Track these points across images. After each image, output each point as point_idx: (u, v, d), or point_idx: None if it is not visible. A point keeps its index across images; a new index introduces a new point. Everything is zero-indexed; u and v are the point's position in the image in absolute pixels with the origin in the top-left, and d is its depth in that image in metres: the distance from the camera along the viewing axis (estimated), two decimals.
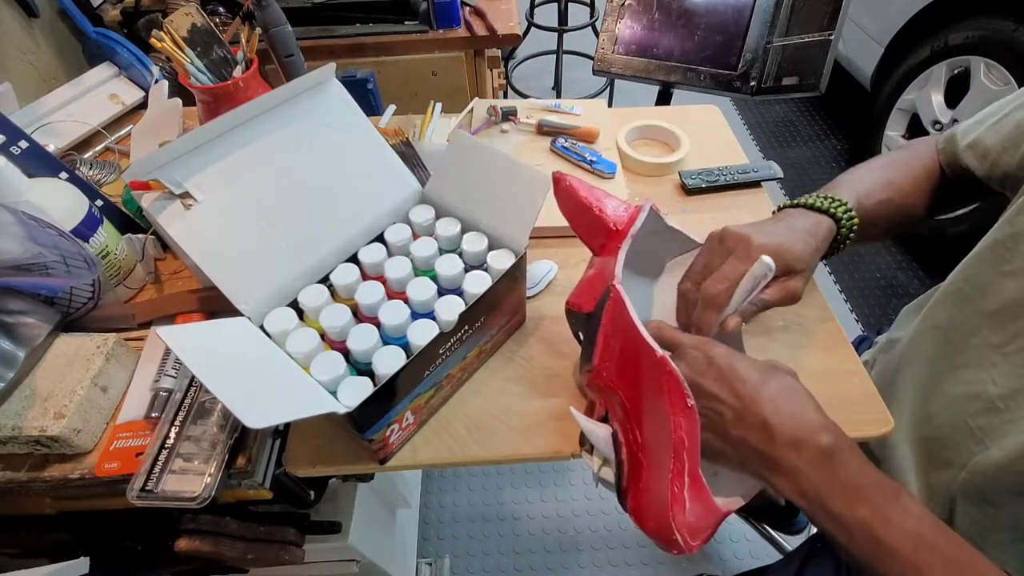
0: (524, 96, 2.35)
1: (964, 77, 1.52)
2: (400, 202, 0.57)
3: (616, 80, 1.81)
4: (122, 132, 0.89)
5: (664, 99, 1.08)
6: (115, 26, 1.15)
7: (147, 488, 0.46)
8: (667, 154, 0.82)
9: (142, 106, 0.92)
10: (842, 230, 0.49)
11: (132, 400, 0.53)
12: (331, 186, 0.53)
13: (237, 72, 0.67)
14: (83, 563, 0.51)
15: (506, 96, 2.05)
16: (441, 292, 0.51)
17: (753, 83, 0.96)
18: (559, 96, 2.35)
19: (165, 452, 0.48)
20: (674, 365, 0.38)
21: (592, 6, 2.32)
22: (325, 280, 0.52)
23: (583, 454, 0.47)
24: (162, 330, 0.38)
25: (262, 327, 0.46)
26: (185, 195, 0.45)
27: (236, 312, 0.46)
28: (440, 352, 0.47)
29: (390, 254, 0.54)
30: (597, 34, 1.44)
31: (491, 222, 0.54)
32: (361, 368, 0.47)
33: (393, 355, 0.45)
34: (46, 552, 0.60)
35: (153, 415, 0.51)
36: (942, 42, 1.55)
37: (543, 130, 0.85)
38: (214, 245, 0.46)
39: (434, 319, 0.48)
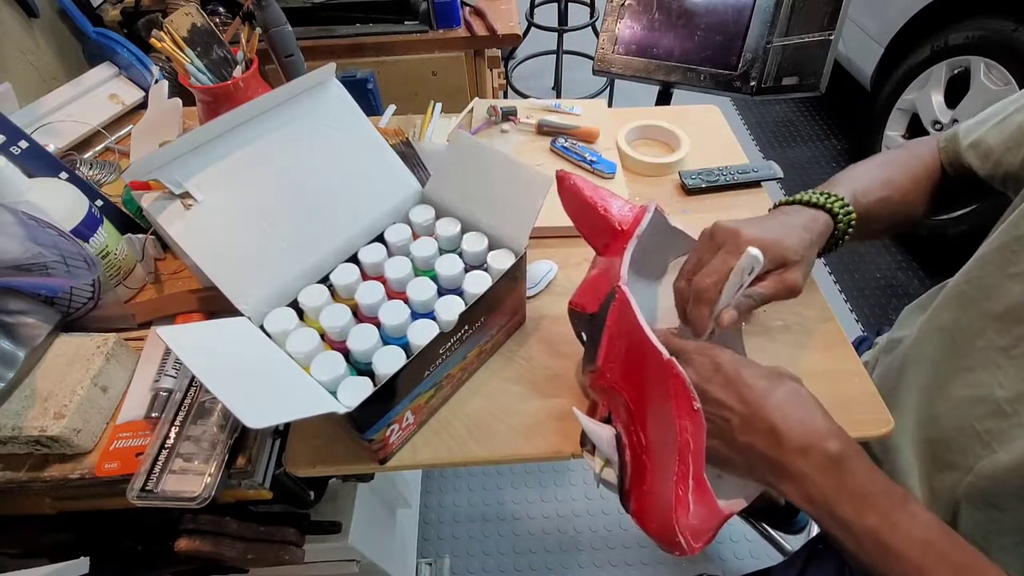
0: (524, 96, 2.35)
1: (964, 77, 1.52)
2: (400, 202, 0.57)
3: (616, 80, 1.81)
4: (122, 132, 0.89)
5: (664, 99, 1.08)
6: (115, 26, 1.15)
7: (147, 488, 0.46)
8: (667, 154, 0.82)
9: (142, 106, 0.92)
10: (839, 225, 0.49)
11: (132, 400, 0.53)
12: (331, 186, 0.53)
13: (237, 72, 0.67)
14: (83, 563, 0.51)
15: (506, 96, 2.05)
16: (441, 292, 0.51)
17: (753, 83, 0.96)
18: (559, 96, 2.35)
19: (165, 452, 0.48)
20: (681, 368, 0.38)
21: (592, 6, 2.32)
22: (325, 280, 0.52)
23: (585, 455, 0.47)
24: (162, 330, 0.38)
25: (262, 327, 0.46)
26: (185, 195, 0.45)
27: (236, 312, 0.46)
28: (440, 352, 0.47)
29: (390, 254, 0.54)
30: (597, 34, 1.44)
31: (491, 222, 0.54)
32: (361, 368, 0.47)
33: (393, 355, 0.45)
34: (46, 552, 0.60)
35: (153, 415, 0.51)
36: (942, 42, 1.55)
37: (543, 130, 0.85)
38: (214, 245, 0.46)
39: (434, 319, 0.48)
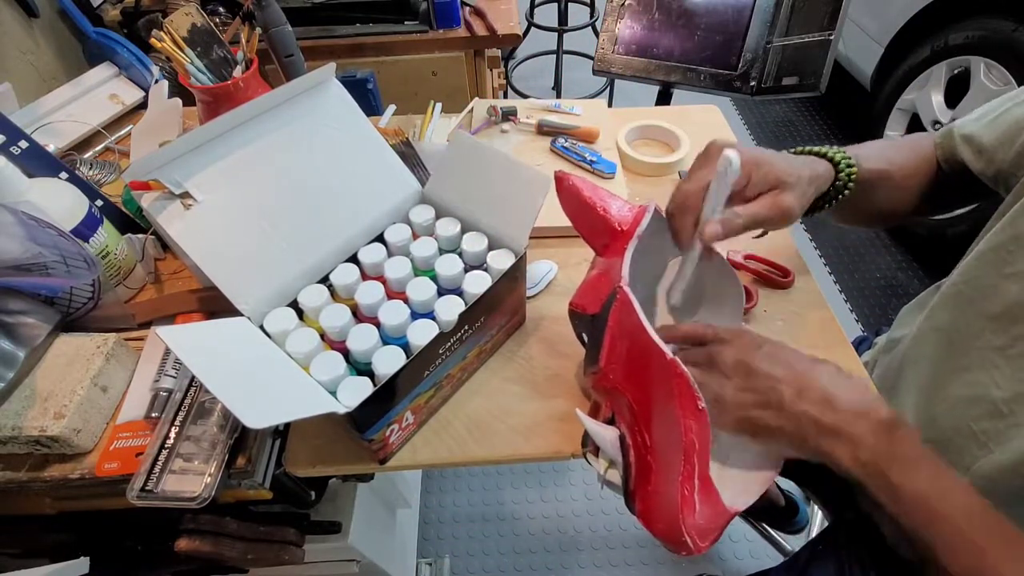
0: (524, 96, 2.35)
1: (964, 77, 1.52)
2: (400, 202, 0.57)
3: (616, 80, 1.81)
4: (122, 132, 0.89)
5: (664, 99, 1.08)
6: (115, 26, 1.15)
7: (147, 488, 0.46)
8: (667, 154, 0.82)
9: (142, 106, 0.92)
10: (840, 175, 0.48)
11: (132, 400, 0.53)
12: (331, 186, 0.53)
13: (237, 72, 0.67)
14: (83, 563, 0.52)
15: (506, 96, 2.05)
16: (441, 292, 0.51)
17: (753, 83, 0.96)
18: (559, 96, 2.35)
19: (165, 452, 0.48)
20: (685, 368, 0.38)
21: (592, 6, 2.32)
22: (325, 280, 0.52)
23: (588, 456, 0.47)
24: (162, 330, 0.38)
25: (262, 327, 0.47)
26: (185, 195, 0.45)
27: (236, 312, 0.46)
28: (440, 352, 0.47)
29: (390, 254, 0.54)
30: (597, 34, 1.44)
31: (491, 222, 0.54)
32: (361, 368, 0.47)
33: (393, 355, 0.45)
34: (46, 552, 0.60)
35: (153, 415, 0.51)
36: (942, 42, 1.55)
37: (543, 130, 0.85)
38: (214, 245, 0.46)
39: (434, 319, 0.48)
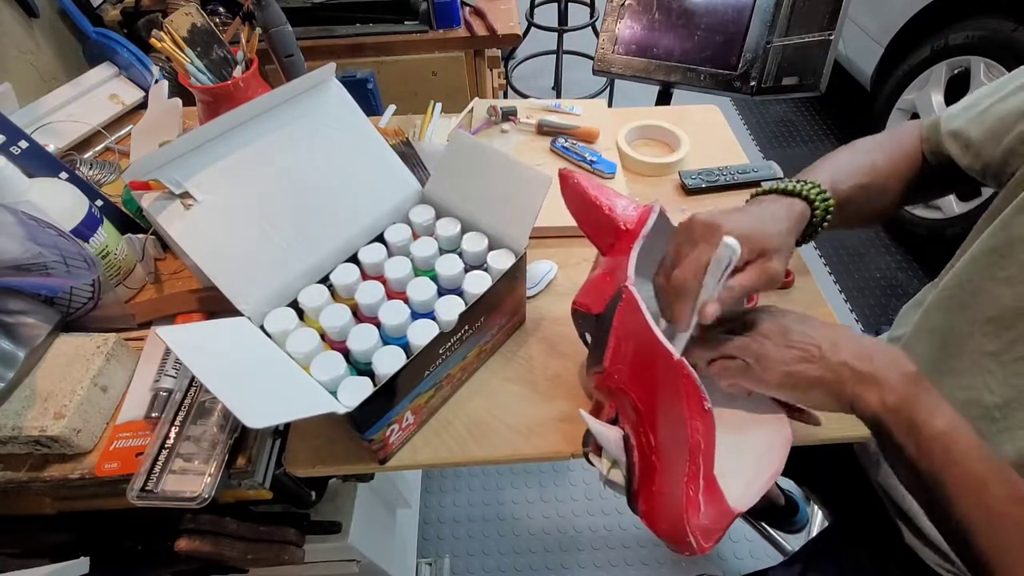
0: (524, 96, 2.35)
1: (964, 77, 1.52)
2: (400, 202, 0.57)
3: (616, 80, 1.81)
4: (122, 132, 0.89)
5: (664, 99, 1.08)
6: (115, 26, 1.15)
7: (147, 488, 0.46)
8: (667, 154, 0.82)
9: (142, 106, 0.93)
10: (816, 212, 0.48)
11: (132, 400, 0.53)
12: (331, 186, 0.53)
13: (237, 72, 0.67)
14: (83, 563, 0.51)
15: (506, 96, 2.05)
16: (441, 292, 0.51)
17: (753, 83, 0.96)
18: (559, 96, 2.35)
19: (165, 452, 0.48)
20: (692, 369, 0.38)
21: (592, 6, 2.32)
22: (325, 280, 0.52)
23: (589, 456, 0.47)
24: (162, 330, 0.38)
25: (262, 327, 0.47)
26: (185, 195, 0.45)
27: (236, 312, 0.46)
28: (440, 352, 0.47)
29: (390, 254, 0.54)
30: (597, 34, 1.44)
31: (491, 222, 0.54)
32: (361, 368, 0.47)
33: (393, 355, 0.45)
34: (46, 552, 0.60)
35: (153, 415, 0.51)
36: (942, 42, 1.55)
37: (543, 130, 0.85)
38: (214, 245, 0.46)
39: (434, 319, 0.48)
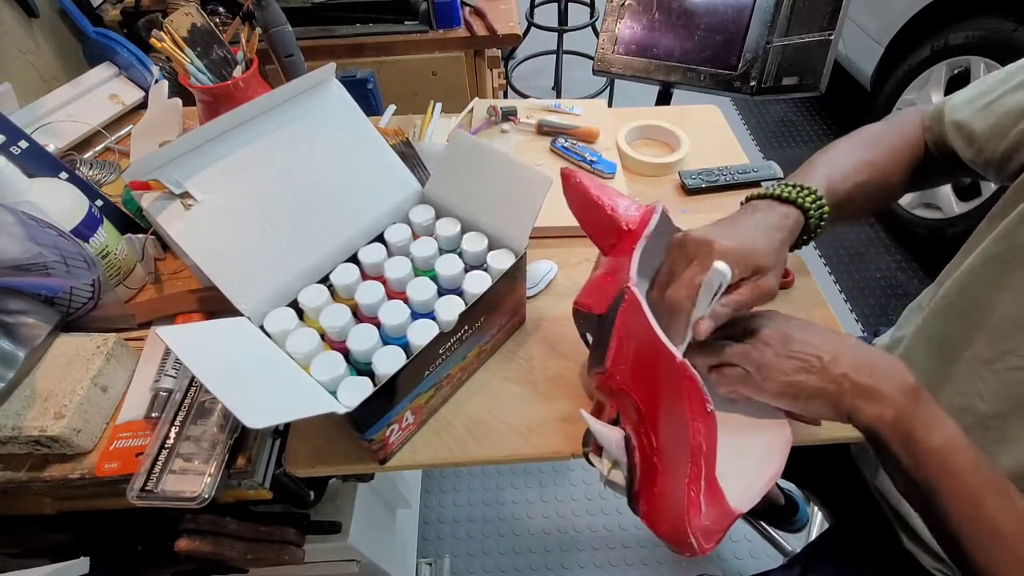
0: (524, 96, 2.35)
1: (964, 77, 1.52)
2: (400, 202, 0.57)
3: (616, 80, 1.81)
4: (122, 132, 0.89)
5: (664, 99, 1.08)
6: (115, 26, 1.15)
7: (147, 488, 0.46)
8: (667, 154, 0.82)
9: (142, 106, 0.92)
10: (811, 220, 0.48)
11: (132, 400, 0.53)
12: (331, 186, 0.53)
13: (237, 72, 0.67)
14: (83, 563, 0.51)
15: (506, 96, 2.05)
16: (441, 292, 0.51)
17: (753, 83, 0.96)
18: (559, 96, 2.35)
19: (165, 452, 0.48)
20: (694, 371, 0.38)
21: (592, 6, 2.32)
22: (325, 280, 0.52)
23: (589, 456, 0.47)
24: (162, 330, 0.38)
25: (262, 327, 0.47)
26: (185, 195, 0.45)
27: (236, 312, 0.46)
28: (440, 352, 0.47)
29: (390, 254, 0.54)
30: (597, 34, 1.44)
31: (491, 222, 0.54)
32: (361, 368, 0.47)
33: (393, 355, 0.45)
34: (46, 552, 0.60)
35: (153, 415, 0.51)
36: (942, 42, 1.55)
37: (543, 130, 0.85)
38: (214, 245, 0.46)
39: (434, 319, 0.48)
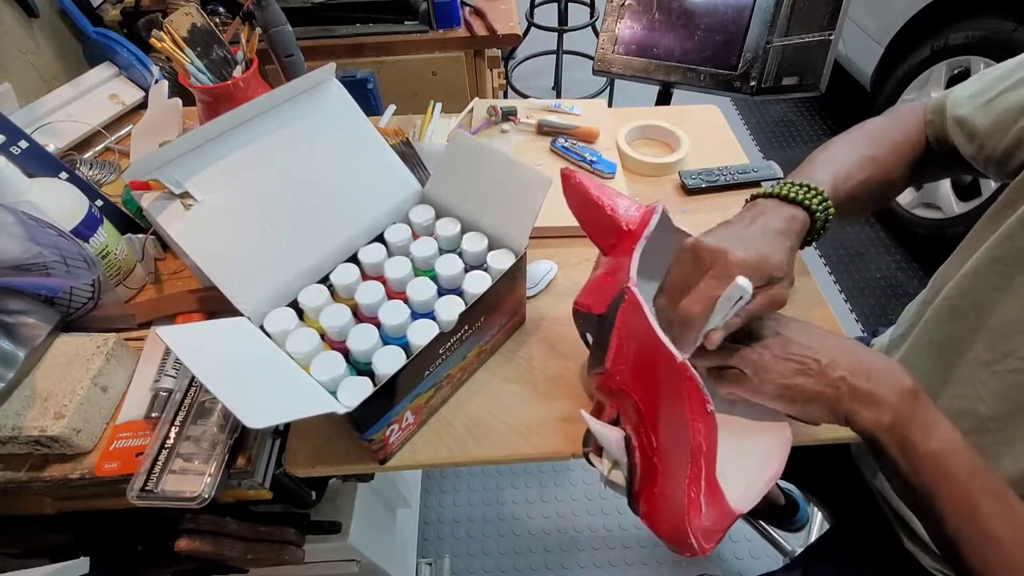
0: (524, 96, 2.35)
1: (964, 77, 1.51)
2: (400, 202, 0.57)
3: (616, 80, 1.81)
4: (122, 132, 0.89)
5: (664, 99, 1.08)
6: (115, 26, 1.15)
7: (147, 488, 0.46)
8: (667, 154, 0.82)
9: (142, 106, 0.92)
10: (817, 222, 0.47)
11: (132, 400, 0.53)
12: (331, 186, 0.53)
13: (237, 72, 0.67)
14: (83, 563, 0.51)
15: (506, 96, 2.05)
16: (441, 292, 0.51)
17: (753, 83, 0.96)
18: (559, 96, 2.35)
19: (165, 452, 0.48)
20: (694, 371, 0.38)
21: (592, 6, 2.32)
22: (325, 280, 0.52)
23: (589, 456, 0.47)
24: (162, 330, 0.38)
25: (262, 327, 0.46)
26: (185, 195, 0.45)
27: (236, 312, 0.46)
28: (440, 352, 0.47)
29: (390, 254, 0.54)
30: (597, 34, 1.44)
31: (491, 222, 0.54)
32: (361, 368, 0.47)
33: (393, 355, 0.45)
34: (46, 552, 0.60)
35: (153, 415, 0.51)
36: (942, 42, 1.55)
37: (543, 130, 0.85)
38: (214, 245, 0.46)
39: (434, 319, 0.48)
